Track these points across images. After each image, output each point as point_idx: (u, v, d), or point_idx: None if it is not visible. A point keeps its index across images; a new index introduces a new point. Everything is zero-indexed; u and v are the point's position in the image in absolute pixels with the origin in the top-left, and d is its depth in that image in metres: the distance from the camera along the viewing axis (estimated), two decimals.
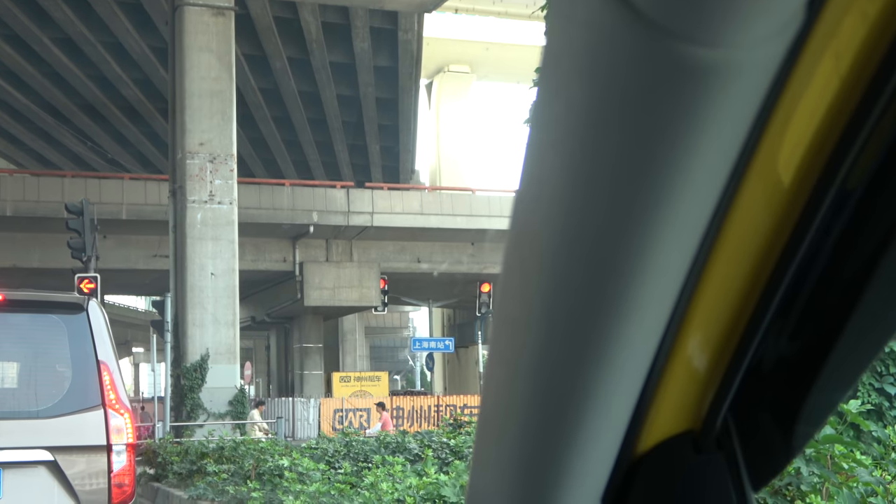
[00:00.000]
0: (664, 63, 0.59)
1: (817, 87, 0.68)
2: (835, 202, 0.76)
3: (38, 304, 7.39)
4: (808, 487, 5.92)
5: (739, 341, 0.87)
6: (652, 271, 0.74)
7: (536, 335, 0.83)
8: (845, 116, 0.70)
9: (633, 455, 0.97)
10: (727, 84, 0.61)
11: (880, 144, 0.72)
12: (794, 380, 0.91)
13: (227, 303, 28.78)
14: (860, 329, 0.83)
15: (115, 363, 7.07)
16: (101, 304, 7.50)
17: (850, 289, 0.81)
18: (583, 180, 0.68)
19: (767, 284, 0.81)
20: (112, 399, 6.92)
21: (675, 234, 0.72)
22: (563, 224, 0.73)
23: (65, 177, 39.94)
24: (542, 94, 0.68)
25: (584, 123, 0.65)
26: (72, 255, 25.14)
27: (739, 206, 0.75)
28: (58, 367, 7.13)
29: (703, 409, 0.94)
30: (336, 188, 42.72)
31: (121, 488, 6.90)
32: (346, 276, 43.12)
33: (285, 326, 52.30)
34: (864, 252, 0.79)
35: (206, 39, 29.14)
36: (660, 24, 0.57)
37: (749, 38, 0.58)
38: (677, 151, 0.64)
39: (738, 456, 0.98)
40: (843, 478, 5.91)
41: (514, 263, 0.81)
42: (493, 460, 1.00)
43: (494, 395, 0.95)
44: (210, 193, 28.74)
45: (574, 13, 0.62)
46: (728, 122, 0.64)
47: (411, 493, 9.73)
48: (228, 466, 14.89)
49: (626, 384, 0.87)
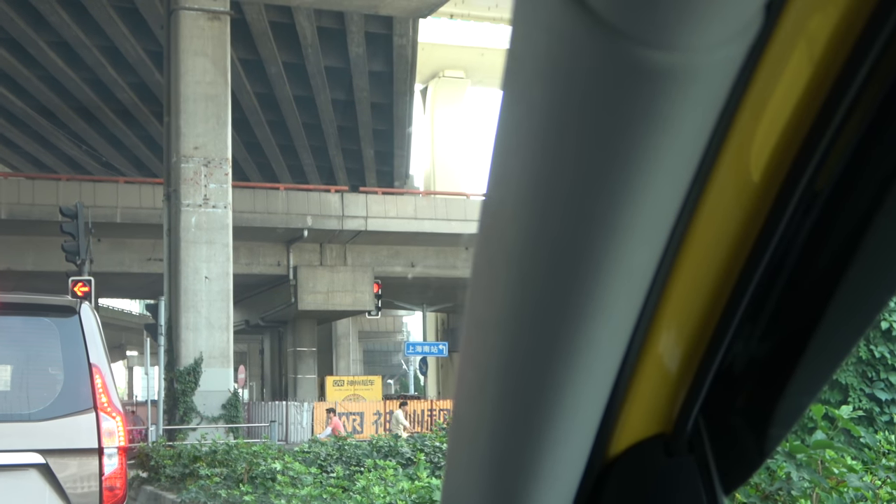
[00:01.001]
0: (623, 66, 0.59)
1: (781, 89, 0.69)
2: (803, 202, 0.76)
3: (31, 306, 7.38)
4: (799, 492, 5.93)
5: (709, 343, 0.87)
6: (617, 273, 0.74)
7: (505, 337, 0.83)
8: (810, 118, 0.71)
9: (605, 458, 0.97)
10: (686, 87, 0.61)
11: (847, 145, 0.72)
12: (765, 382, 0.91)
13: (221, 306, 28.76)
14: (829, 331, 0.83)
15: (107, 366, 7.06)
16: (93, 308, 7.50)
17: (820, 290, 0.81)
18: (545, 183, 0.69)
19: (736, 286, 0.82)
20: (104, 402, 6.92)
21: (640, 235, 0.72)
22: (528, 227, 0.73)
23: (60, 180, 39.94)
24: (506, 98, 0.69)
25: (546, 127, 0.66)
26: (66, 259, 25.12)
27: (706, 207, 0.75)
28: (50, 370, 7.13)
29: (674, 412, 0.95)
30: (330, 192, 42.74)
31: (112, 491, 6.89)
32: (340, 281, 43.11)
33: (279, 330, 52.29)
34: (833, 253, 0.79)
35: (202, 44, 29.15)
36: (617, 27, 0.57)
37: (706, 41, 0.59)
38: (638, 154, 0.64)
39: (710, 459, 0.98)
40: (833, 482, 5.92)
41: (482, 265, 0.81)
42: (465, 462, 1.01)
43: (466, 397, 0.95)
44: (205, 197, 28.72)
45: (534, 18, 0.62)
46: (689, 124, 0.64)
47: (403, 497, 9.74)
48: (221, 470, 14.90)
49: (596, 387, 0.87)
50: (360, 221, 41.52)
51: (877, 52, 0.66)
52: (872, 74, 0.68)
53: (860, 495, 5.76)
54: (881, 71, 0.67)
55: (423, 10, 33.28)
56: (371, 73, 40.19)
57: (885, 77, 0.68)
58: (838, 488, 5.85)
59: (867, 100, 0.69)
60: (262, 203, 39.73)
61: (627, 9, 0.57)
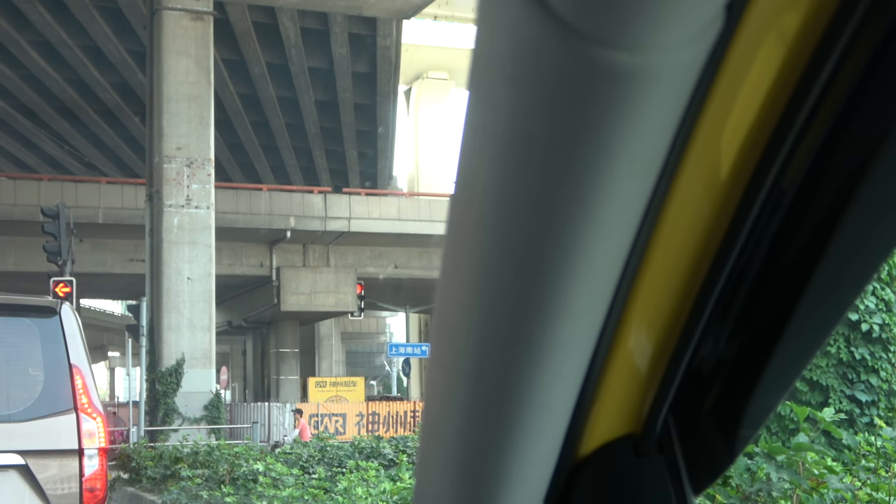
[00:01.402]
0: (584, 67, 0.59)
1: (744, 89, 0.69)
2: (769, 202, 0.77)
3: (11, 307, 7.36)
4: (779, 494, 5.96)
5: (678, 343, 0.88)
6: (584, 274, 0.75)
7: (473, 338, 0.83)
8: (775, 117, 0.71)
9: (575, 458, 0.98)
10: (647, 87, 0.61)
11: (812, 144, 0.73)
12: (734, 382, 0.92)
13: (203, 307, 28.72)
14: (797, 331, 0.84)
15: (87, 367, 7.05)
16: (74, 308, 7.48)
17: (787, 290, 0.82)
18: (511, 184, 0.69)
19: (704, 286, 0.82)
20: (84, 403, 6.90)
21: (606, 236, 0.72)
22: (494, 228, 0.73)
23: (41, 180, 39.82)
24: (471, 100, 0.69)
25: (511, 128, 0.66)
26: (47, 259, 25.07)
27: (672, 207, 0.76)
28: (30, 371, 7.10)
29: (643, 413, 0.95)
30: (313, 193, 42.70)
31: (92, 492, 6.88)
32: (322, 282, 43.07)
33: (262, 331, 52.18)
34: (799, 253, 0.80)
35: (185, 44, 29.11)
36: (578, 28, 0.57)
37: (666, 42, 0.59)
38: (601, 155, 0.64)
39: (679, 459, 0.98)
40: (813, 484, 5.94)
41: (450, 267, 0.82)
42: (436, 463, 1.01)
43: (436, 398, 0.95)
44: (187, 198, 28.69)
45: (496, 19, 0.62)
46: (652, 124, 0.64)
47: (385, 498, 9.74)
48: (203, 471, 14.88)
49: (565, 387, 0.88)
50: (344, 222, 41.50)
51: (839, 52, 0.67)
52: (835, 74, 0.68)
53: (840, 496, 5.79)
54: (844, 71, 0.68)
55: (406, 11, 33.30)
56: (354, 73, 40.18)
57: (849, 76, 0.68)
58: (819, 489, 5.87)
59: (831, 99, 0.70)
60: (244, 204, 39.69)
61: (587, 10, 0.57)
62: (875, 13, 0.66)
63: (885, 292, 9.43)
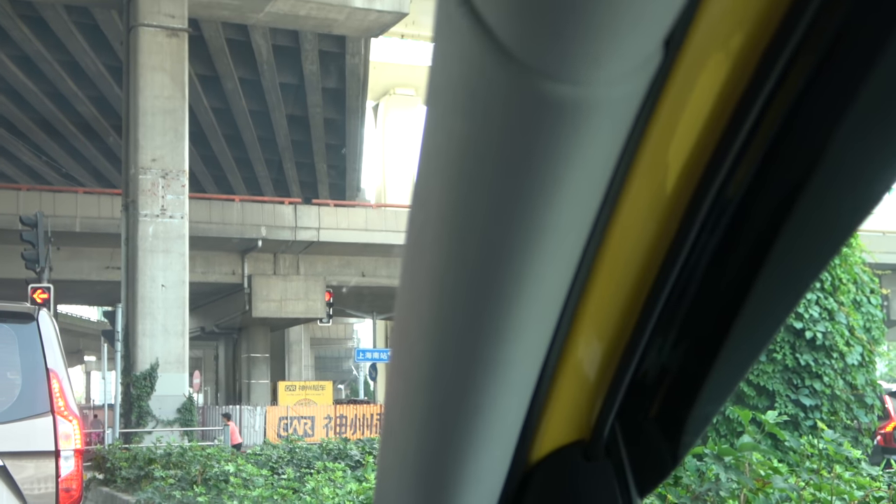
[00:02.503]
0: (531, 98, 0.60)
1: (683, 118, 0.71)
2: (708, 222, 0.78)
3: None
4: (727, 493, 5.98)
5: (623, 354, 0.89)
6: (533, 291, 0.76)
7: (429, 349, 0.84)
8: (713, 141, 0.73)
9: (527, 463, 0.99)
10: (590, 118, 0.62)
11: (749, 164, 0.74)
12: (676, 391, 0.93)
13: (177, 313, 28.54)
14: (735, 343, 0.85)
15: (64, 371, 7.00)
16: (51, 314, 7.42)
17: (725, 305, 0.83)
18: (463, 207, 0.70)
19: (647, 301, 0.84)
20: (61, 406, 6.86)
21: (553, 255, 0.73)
22: (448, 247, 0.75)
23: (20, 190, 39.40)
24: (427, 124, 0.70)
25: (463, 154, 0.67)
26: (26, 266, 24.85)
27: (616, 227, 0.77)
28: (8, 375, 7.04)
29: (591, 420, 0.96)
30: (284, 204, 42.53)
31: (68, 492, 6.83)
32: (292, 289, 42.91)
33: (234, 337, 51.89)
34: (737, 270, 0.81)
35: (160, 59, 28.96)
36: (525, 62, 0.58)
37: (608, 75, 0.60)
38: (548, 180, 0.66)
39: (625, 463, 0.99)
40: (759, 484, 5.97)
41: (408, 281, 0.83)
42: (395, 467, 1.02)
43: (394, 405, 0.96)
44: (162, 208, 28.53)
45: (451, 51, 0.62)
46: (595, 151, 0.66)
47: (351, 498, 9.71)
48: (175, 472, 14.78)
49: (517, 396, 0.89)
50: (313, 232, 41.35)
51: (771, 84, 0.69)
52: (767, 103, 0.70)
53: (785, 496, 5.82)
54: (776, 100, 0.70)
55: (374, 30, 33.27)
56: (324, 89, 40.09)
57: (780, 105, 0.70)
58: (764, 489, 5.90)
59: (765, 124, 0.71)
60: (217, 214, 39.47)
61: (534, 44, 0.57)
62: (804, 48, 0.68)
63: (828, 302, 9.50)
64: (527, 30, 0.57)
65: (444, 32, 0.63)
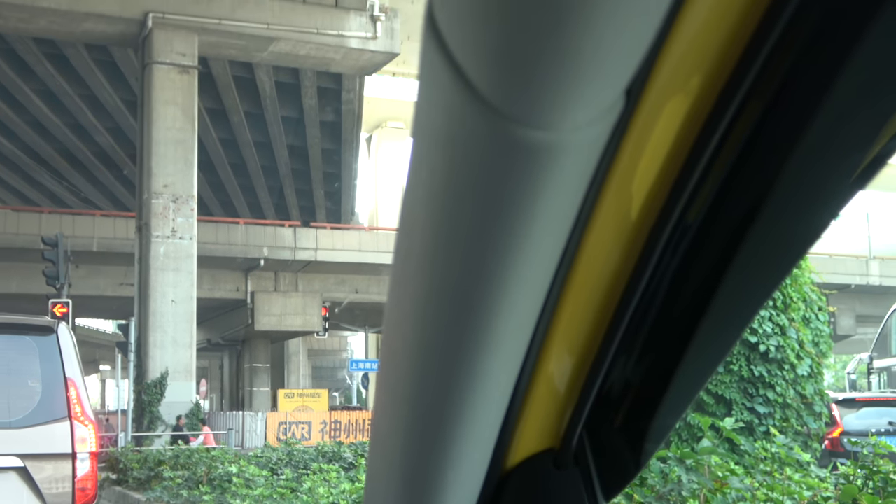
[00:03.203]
0: (505, 142, 0.61)
1: (643, 157, 0.71)
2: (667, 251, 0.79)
3: (13, 326, 7.27)
4: (688, 493, 5.97)
5: (590, 371, 0.89)
6: (508, 313, 0.76)
7: (413, 366, 0.85)
8: (671, 178, 0.73)
9: (503, 470, 0.99)
10: (559, 159, 0.63)
11: (704, 199, 0.75)
12: (638, 404, 0.93)
13: (185, 327, 28.48)
14: (690, 363, 0.85)
15: (81, 380, 6.98)
16: (70, 327, 7.40)
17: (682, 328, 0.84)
18: (443, 237, 0.71)
19: (612, 322, 0.84)
20: (78, 412, 6.83)
21: (526, 281, 0.74)
22: (430, 273, 0.75)
23: (42, 213, 39.32)
24: (412, 160, 0.71)
25: (444, 190, 0.68)
26: (47, 283, 24.72)
27: (583, 255, 0.77)
28: (29, 383, 7.02)
29: (561, 430, 0.96)
30: (284, 227, 42.50)
31: (84, 491, 6.80)
32: (292, 305, 42.80)
33: (237, 348, 51.69)
34: (693, 296, 0.81)
35: (172, 94, 28.99)
36: (500, 109, 0.59)
37: (574, 122, 0.60)
38: (521, 215, 0.66)
39: (592, 470, 1.00)
40: (718, 485, 5.96)
41: (394, 303, 0.83)
42: (382, 472, 1.02)
43: (381, 416, 0.96)
44: (172, 230, 28.50)
45: (433, 97, 0.63)
46: (563, 188, 0.67)
47: (345, 497, 9.68)
48: (183, 473, 14.70)
49: (493, 409, 0.89)
50: (311, 253, 41.31)
51: (724, 127, 0.70)
52: (721, 144, 0.71)
53: (741, 496, 5.81)
54: (729, 141, 0.71)
55: (368, 68, 33.36)
56: (322, 122, 40.13)
57: (732, 145, 0.71)
58: (722, 490, 5.89)
59: (718, 164, 0.72)
60: (223, 235, 39.42)
61: (508, 93, 0.58)
62: (754, 94, 0.68)
63: (780, 318, 9.52)
64: (502, 81, 0.58)
65: (427, 80, 0.63)
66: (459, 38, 0.58)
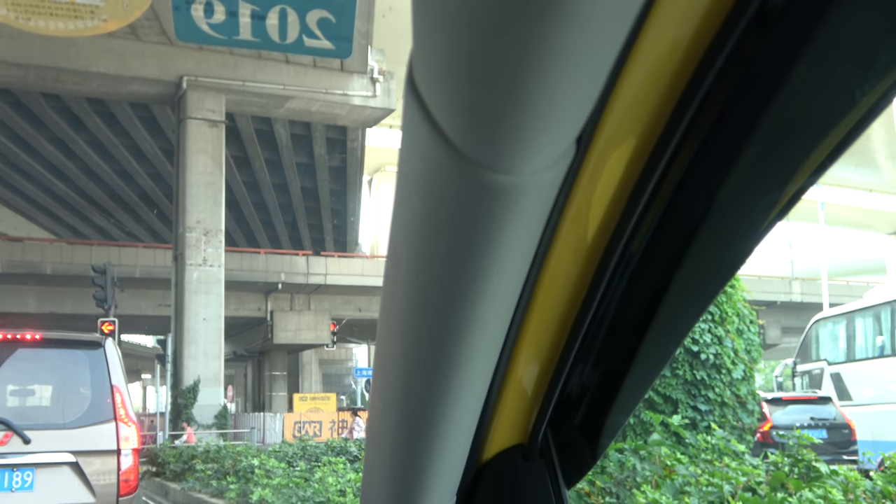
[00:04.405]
0: (475, 184, 0.61)
1: (594, 195, 0.72)
2: (613, 280, 0.79)
3: (68, 341, 7.25)
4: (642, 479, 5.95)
5: (552, 377, 0.89)
6: (480, 331, 0.76)
7: (401, 376, 0.85)
8: (618, 212, 0.74)
9: (479, 462, 0.99)
10: (520, 199, 0.63)
11: (645, 232, 0.75)
12: (594, 405, 0.93)
13: (214, 341, 28.37)
14: (637, 369, 0.86)
15: (125, 387, 6.96)
16: (115, 342, 7.37)
17: (629, 341, 0.84)
18: (424, 265, 0.71)
19: (569, 336, 0.84)
20: (122, 414, 6.80)
21: (495, 301, 0.74)
22: (413, 298, 0.75)
23: (92, 245, 39.20)
24: (396, 201, 0.71)
25: (424, 226, 0.68)
26: (96, 304, 24.61)
27: (545, 278, 0.77)
28: (81, 390, 6.98)
29: (528, 428, 0.96)
30: (298, 256, 42.46)
31: (127, 482, 6.76)
32: (305, 322, 42.72)
33: (258, 359, 51.50)
34: (638, 312, 0.81)
35: (203, 144, 29.04)
36: (470, 157, 0.60)
37: (532, 167, 0.61)
38: (489, 247, 0.67)
39: (556, 462, 1.00)
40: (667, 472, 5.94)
41: (384, 323, 0.83)
42: (376, 466, 1.01)
43: (375, 418, 0.96)
44: (203, 259, 28.44)
45: (414, 148, 0.64)
46: (525, 224, 0.67)
47: (350, 485, 9.61)
48: (212, 465, 14.58)
49: (469, 411, 0.89)
50: (321, 277, 41.27)
51: (660, 170, 0.70)
52: (659, 183, 0.71)
53: (686, 481, 5.79)
54: (666, 180, 0.71)
55: (369, 122, 33.48)
56: (330, 167, 40.19)
57: (669, 184, 0.71)
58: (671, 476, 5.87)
59: (657, 200, 0.72)
60: (247, 263, 39.37)
61: (476, 144, 0.59)
62: (686, 140, 0.69)
63: (718, 330, 9.52)
64: (471, 133, 0.58)
65: (408, 132, 0.64)
66: (435, 97, 0.59)
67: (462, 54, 0.53)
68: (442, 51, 0.54)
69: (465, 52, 0.53)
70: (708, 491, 5.52)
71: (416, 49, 0.58)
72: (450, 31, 0.52)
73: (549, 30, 0.49)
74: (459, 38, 0.52)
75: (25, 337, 6.96)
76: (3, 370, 7.03)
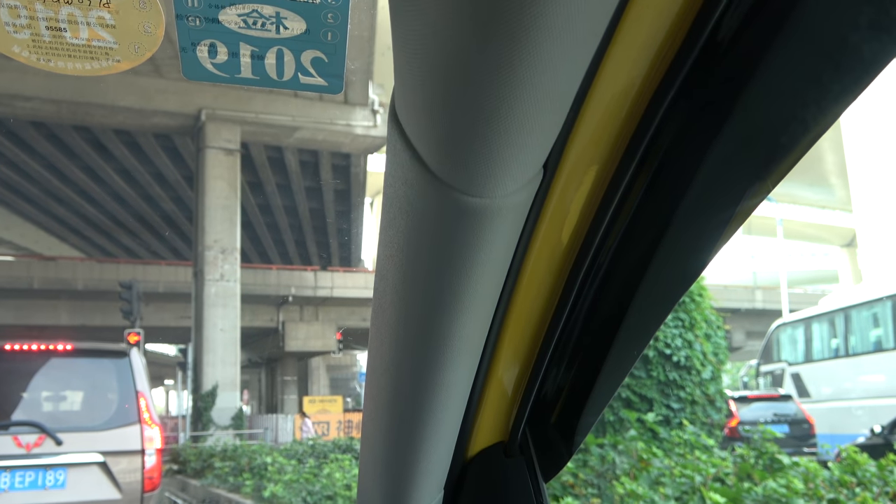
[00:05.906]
0: (451, 207, 0.62)
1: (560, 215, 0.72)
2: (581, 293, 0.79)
3: (96, 351, 7.25)
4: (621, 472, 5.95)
5: (530, 380, 0.89)
6: (462, 338, 0.76)
7: (389, 381, 0.84)
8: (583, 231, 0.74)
9: (464, 459, 0.99)
10: (493, 220, 0.64)
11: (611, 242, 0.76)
12: (568, 406, 0.93)
13: (231, 349, 28.29)
14: (606, 375, 0.85)
15: (149, 392, 6.96)
16: (140, 352, 7.37)
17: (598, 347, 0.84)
18: (409, 280, 0.71)
19: (543, 342, 0.84)
20: (146, 417, 6.79)
21: (475, 310, 0.74)
22: (399, 310, 0.75)
23: (119, 263, 39.14)
24: (382, 222, 0.72)
25: (407, 244, 0.68)
26: (123, 317, 24.53)
27: (520, 289, 0.78)
28: (108, 395, 6.97)
29: (509, 426, 0.96)
30: (307, 271, 42.44)
31: (151, 480, 6.74)
32: (313, 331, 42.64)
33: (271, 365, 51.34)
34: (603, 323, 0.82)
35: (220, 171, 29.06)
36: (448, 182, 0.60)
37: (503, 190, 0.62)
38: (466, 263, 0.67)
39: (534, 458, 0.99)
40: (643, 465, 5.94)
41: (375, 332, 0.83)
42: (370, 463, 1.01)
43: (368, 420, 0.96)
44: (221, 275, 28.41)
45: (397, 174, 0.64)
46: (498, 242, 0.67)
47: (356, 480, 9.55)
48: (230, 463, 14.51)
49: (454, 412, 0.89)
50: (328, 290, 41.22)
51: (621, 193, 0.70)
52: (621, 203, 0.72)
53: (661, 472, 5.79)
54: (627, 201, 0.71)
55: (370, 149, 33.56)
56: (335, 190, 40.21)
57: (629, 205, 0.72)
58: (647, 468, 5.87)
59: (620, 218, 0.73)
60: (260, 278, 39.33)
61: (452, 169, 0.60)
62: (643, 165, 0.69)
63: (688, 335, 9.52)
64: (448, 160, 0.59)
65: (391, 159, 0.64)
66: (415, 128, 0.59)
67: (438, 89, 0.54)
68: (420, 86, 0.55)
69: (440, 88, 0.53)
70: (681, 482, 5.52)
71: (397, 84, 0.59)
72: (426, 68, 0.53)
73: (516, 68, 0.50)
74: (435, 75, 0.53)
75: (58, 347, 6.96)
76: (37, 378, 7.01)
